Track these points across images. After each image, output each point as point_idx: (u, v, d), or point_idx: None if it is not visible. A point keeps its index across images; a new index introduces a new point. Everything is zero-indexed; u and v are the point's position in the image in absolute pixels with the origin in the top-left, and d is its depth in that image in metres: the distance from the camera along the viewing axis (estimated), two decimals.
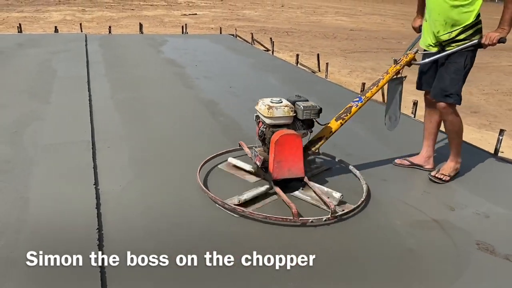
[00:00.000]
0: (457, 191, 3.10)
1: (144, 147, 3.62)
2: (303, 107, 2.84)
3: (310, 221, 2.52)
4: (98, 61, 6.72)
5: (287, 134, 2.76)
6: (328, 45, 11.60)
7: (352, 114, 2.99)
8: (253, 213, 2.56)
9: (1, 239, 2.28)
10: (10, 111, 4.26)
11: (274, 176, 2.80)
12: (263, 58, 7.95)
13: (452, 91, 2.96)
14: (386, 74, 3.08)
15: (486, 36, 2.81)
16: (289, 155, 2.77)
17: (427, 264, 2.30)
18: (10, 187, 2.83)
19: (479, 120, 5.66)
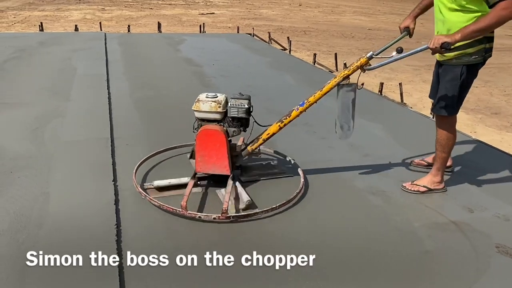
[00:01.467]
0: (477, 194, 3.06)
1: (162, 145, 3.65)
2: (230, 104, 2.85)
3: (198, 217, 2.54)
4: (117, 60, 6.80)
5: (210, 128, 2.78)
6: (345, 44, 11.53)
7: (292, 118, 2.89)
8: (151, 199, 2.68)
9: (23, 233, 2.34)
10: (32, 108, 4.35)
11: (197, 169, 2.82)
12: (280, 57, 7.94)
13: (447, 103, 2.83)
14: (334, 78, 2.87)
15: (432, 39, 2.57)
16: (213, 151, 2.78)
17: (445, 266, 2.28)
18: (32, 182, 2.89)
19: (500, 121, 5.56)
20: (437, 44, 2.52)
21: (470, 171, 3.38)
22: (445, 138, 2.95)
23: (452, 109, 2.87)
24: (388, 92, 6.20)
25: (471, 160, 3.61)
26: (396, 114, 4.79)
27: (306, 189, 2.96)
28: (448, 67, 2.83)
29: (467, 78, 2.81)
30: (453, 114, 2.91)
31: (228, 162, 2.80)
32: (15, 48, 7.22)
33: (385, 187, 3.07)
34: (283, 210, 2.71)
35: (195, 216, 2.54)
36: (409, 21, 3.05)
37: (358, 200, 2.91)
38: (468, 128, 5.09)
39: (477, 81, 7.91)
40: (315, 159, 3.45)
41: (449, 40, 2.50)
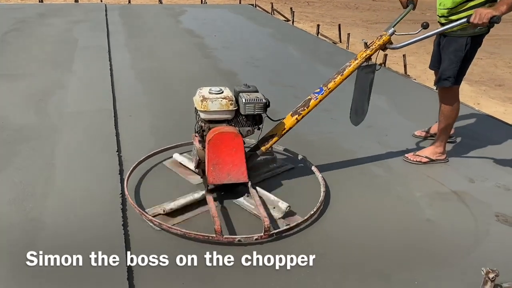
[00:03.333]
0: (478, 164, 3.08)
1: (165, 116, 3.67)
2: (245, 100, 2.39)
3: (237, 240, 2.12)
4: (118, 31, 6.74)
5: (224, 132, 2.33)
6: (349, 15, 11.38)
7: (311, 108, 2.55)
8: (171, 228, 2.17)
9: (30, 202, 2.37)
10: (35, 80, 4.34)
11: (210, 180, 2.36)
12: (283, 28, 7.85)
13: (449, 74, 2.82)
14: (354, 60, 2.56)
15: (476, 13, 2.44)
16: (228, 157, 2.35)
17: (445, 234, 2.32)
18: (38, 153, 2.92)
19: (504, 93, 5.54)
20: (485, 19, 2.41)
21: (472, 142, 3.39)
22: (449, 109, 2.95)
23: (456, 80, 2.86)
24: (392, 64, 6.16)
25: (474, 131, 3.62)
26: (400, 86, 4.77)
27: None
28: (453, 38, 2.80)
29: (471, 49, 2.79)
30: (456, 85, 2.90)
31: (246, 167, 2.39)
32: (15, 20, 7.15)
33: (387, 158, 3.10)
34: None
35: (233, 240, 2.12)
36: None
37: (361, 170, 2.93)
38: (472, 100, 5.07)
39: (482, 52, 7.89)
40: (317, 131, 3.45)
41: (497, 14, 2.41)
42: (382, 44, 2.54)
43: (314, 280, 1.94)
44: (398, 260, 2.10)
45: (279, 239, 2.18)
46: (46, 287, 1.84)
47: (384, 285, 1.95)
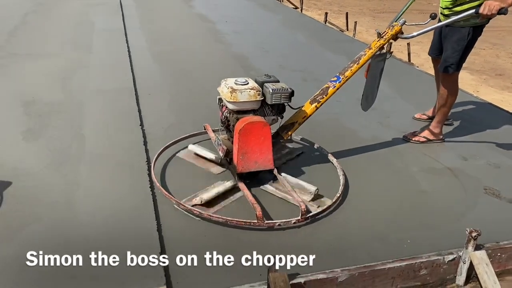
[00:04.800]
0: (472, 145, 3.32)
1: (181, 95, 3.93)
2: (272, 90, 2.47)
3: (278, 225, 2.23)
4: (132, 15, 6.97)
5: (253, 122, 2.40)
6: (357, 4, 11.51)
7: (329, 96, 2.66)
8: (212, 216, 2.24)
9: (66, 166, 2.66)
10: (57, 59, 4.61)
11: (239, 169, 2.45)
12: (292, 15, 8.05)
13: (452, 61, 3.04)
14: (368, 49, 2.70)
15: (485, 5, 2.63)
16: (256, 146, 2.43)
17: (437, 203, 2.58)
18: (68, 125, 3.20)
19: (503, 82, 5.74)
20: (494, 11, 2.59)
21: (468, 125, 3.64)
22: (448, 93, 3.18)
23: (457, 66, 3.09)
24: (397, 52, 6.36)
25: (470, 115, 3.86)
26: (403, 73, 4.99)
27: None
28: (456, 28, 3.01)
29: (473, 38, 3.02)
30: (457, 71, 3.14)
31: (272, 155, 2.50)
32: (34, 2, 7.39)
33: (388, 137, 3.34)
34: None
35: (273, 225, 2.23)
36: None
37: (362, 148, 3.18)
38: (472, 88, 5.29)
39: (485, 43, 8.06)
40: (324, 112, 3.67)
41: (505, 5, 2.60)
42: (394, 34, 2.71)
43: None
44: (395, 223, 2.37)
45: (312, 222, 2.32)
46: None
47: (382, 243, 2.21)
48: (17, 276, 1.85)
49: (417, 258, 2.10)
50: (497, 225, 2.39)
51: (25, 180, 2.49)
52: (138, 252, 1.97)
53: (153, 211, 2.29)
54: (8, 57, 4.60)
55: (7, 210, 2.24)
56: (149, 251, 1.98)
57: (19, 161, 2.68)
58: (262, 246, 2.09)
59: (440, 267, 2.14)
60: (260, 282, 1.89)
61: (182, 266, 1.94)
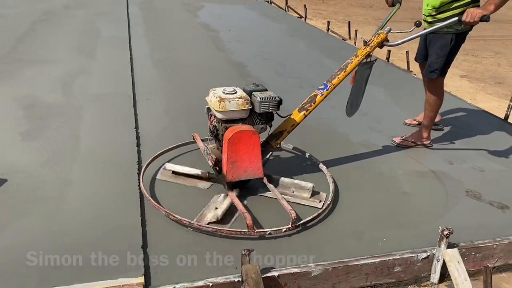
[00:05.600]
0: (459, 150, 3.38)
1: (179, 100, 4.04)
2: (260, 99, 2.48)
3: (268, 233, 2.23)
4: (138, 23, 7.15)
5: (242, 130, 2.40)
6: (362, 13, 11.60)
7: (317, 104, 2.67)
8: (203, 226, 2.25)
9: (61, 164, 2.77)
10: (61, 65, 4.76)
11: (228, 178, 2.45)
12: (296, 24, 8.16)
13: (436, 67, 3.12)
14: (355, 57, 2.71)
15: (467, 13, 2.68)
16: (245, 154, 2.44)
17: (417, 203, 2.64)
18: (65, 126, 3.32)
19: (502, 90, 5.76)
20: (476, 18, 2.65)
21: (458, 130, 3.70)
22: (434, 98, 3.25)
23: (441, 71, 3.16)
24: (396, 60, 6.42)
25: (461, 121, 3.91)
26: (399, 80, 5.05)
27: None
28: (439, 35, 3.10)
29: (456, 44, 3.10)
30: (442, 77, 3.20)
31: (261, 164, 2.51)
32: (42, 11, 7.61)
33: (376, 141, 3.42)
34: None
35: (264, 234, 2.23)
36: None
37: (351, 151, 3.25)
38: (469, 95, 5.33)
39: (487, 52, 8.10)
40: (316, 116, 3.76)
41: (487, 13, 2.66)
42: (380, 42, 2.74)
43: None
44: (373, 222, 2.43)
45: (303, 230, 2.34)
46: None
47: (357, 241, 2.27)
48: (3, 266, 1.95)
49: (391, 255, 2.17)
50: (474, 226, 2.44)
51: (20, 177, 2.61)
52: (121, 246, 2.08)
53: (139, 209, 2.38)
54: (13, 63, 4.77)
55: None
56: (131, 246, 2.08)
57: (15, 160, 2.81)
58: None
59: (414, 265, 2.20)
60: (235, 275, 1.97)
61: (161, 261, 2.04)
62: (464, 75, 6.29)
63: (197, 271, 1.99)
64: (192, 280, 1.93)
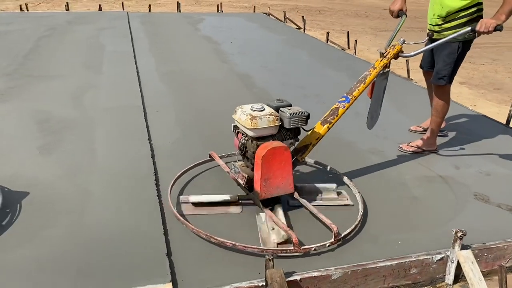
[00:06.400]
0: (465, 154, 3.47)
1: (188, 111, 4.12)
2: (290, 115, 2.50)
3: (313, 249, 2.24)
4: (141, 38, 7.26)
5: (275, 147, 2.39)
6: (359, 23, 11.77)
7: (340, 116, 2.71)
8: (247, 247, 2.21)
9: (80, 177, 2.84)
10: (70, 80, 4.85)
11: (262, 195, 2.43)
12: (295, 35, 8.30)
13: (444, 74, 3.22)
14: (373, 69, 2.81)
15: (481, 23, 2.81)
16: (278, 171, 2.43)
17: (427, 207, 2.72)
18: (80, 140, 3.39)
19: (501, 96, 5.88)
20: (491, 28, 2.78)
21: (462, 136, 3.79)
22: (441, 104, 3.35)
23: (449, 79, 3.27)
24: (397, 68, 6.54)
25: (465, 127, 4.01)
26: (401, 88, 5.16)
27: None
28: (446, 43, 3.19)
29: (462, 52, 3.22)
30: (449, 83, 3.31)
31: (292, 179, 2.51)
32: (46, 27, 7.72)
33: (384, 148, 3.51)
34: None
35: (309, 250, 2.23)
36: (401, 3, 3.15)
37: (360, 158, 3.33)
38: (469, 102, 5.43)
39: (484, 59, 8.24)
40: None
41: (500, 22, 2.78)
42: (395, 53, 2.82)
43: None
44: (387, 226, 2.51)
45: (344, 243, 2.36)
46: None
47: (373, 244, 2.35)
48: (36, 274, 2.02)
49: (407, 257, 2.24)
50: (485, 228, 2.52)
51: (41, 190, 2.68)
52: (146, 254, 2.15)
53: (160, 219, 2.45)
54: (22, 78, 4.85)
55: (25, 216, 2.42)
56: (156, 254, 2.15)
57: (35, 174, 2.87)
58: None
59: (430, 266, 2.27)
60: (259, 280, 2.04)
61: (186, 268, 2.11)
62: (464, 82, 6.41)
63: (220, 277, 2.05)
64: (217, 285, 2.00)
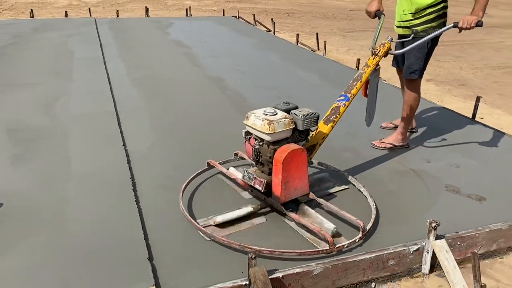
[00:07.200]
0: (435, 148, 3.59)
1: (162, 115, 4.11)
2: (303, 116, 2.55)
3: (346, 246, 2.29)
4: (110, 43, 7.17)
5: (294, 150, 2.41)
6: (327, 25, 11.94)
7: (341, 114, 2.80)
8: (284, 252, 2.21)
9: (56, 186, 2.80)
10: (40, 88, 4.75)
11: (282, 199, 2.45)
12: (265, 38, 8.37)
13: (416, 68, 3.34)
14: (366, 67, 2.91)
15: (463, 20, 2.91)
16: (296, 173, 2.46)
17: (403, 201, 2.80)
18: (53, 148, 3.34)
19: (466, 91, 6.09)
20: (473, 24, 2.88)
21: (431, 131, 3.92)
22: (412, 98, 3.45)
23: (421, 72, 3.38)
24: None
25: (434, 122, 4.15)
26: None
27: None
28: (416, 39, 3.29)
29: (432, 47, 3.35)
30: (420, 77, 3.42)
31: (308, 179, 2.56)
32: (11, 35, 7.53)
33: (357, 145, 3.59)
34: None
35: (341, 248, 2.27)
36: (377, 4, 3.29)
37: (334, 156, 3.39)
38: (437, 98, 5.60)
39: (448, 56, 8.47)
40: None
41: (480, 18, 2.89)
42: (386, 51, 2.96)
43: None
44: (364, 220, 2.55)
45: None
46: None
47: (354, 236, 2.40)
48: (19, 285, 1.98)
49: (385, 249, 2.31)
50: (457, 218, 2.62)
51: (16, 200, 2.62)
52: (128, 259, 2.14)
53: (140, 223, 2.44)
54: None
55: (2, 228, 2.37)
56: (139, 258, 2.15)
57: (8, 184, 2.81)
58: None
59: (406, 257, 2.34)
60: (242, 278, 2.06)
61: (169, 271, 2.11)
62: (430, 78, 6.60)
63: (204, 278, 2.06)
64: (201, 286, 2.01)
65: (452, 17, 3.28)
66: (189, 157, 3.29)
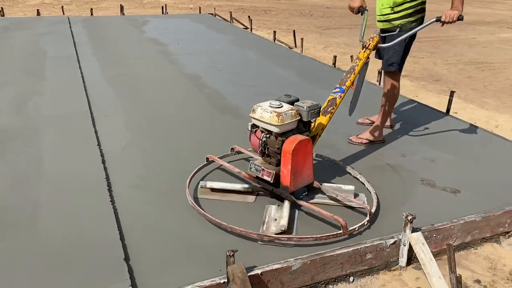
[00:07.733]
0: (411, 143, 3.63)
1: (137, 114, 4.05)
2: (307, 108, 2.62)
3: (357, 230, 2.40)
4: (84, 42, 7.03)
5: (301, 140, 2.49)
6: (304, 22, 11.99)
7: (338, 105, 2.91)
8: (303, 237, 2.30)
9: (28, 188, 2.72)
10: (11, 88, 4.63)
11: (291, 188, 2.53)
12: (242, 35, 8.34)
13: (394, 61, 3.40)
14: (358, 60, 3.04)
15: (446, 14, 3.01)
16: (303, 163, 2.55)
17: (380, 195, 2.81)
18: (25, 149, 3.25)
19: (440, 87, 6.20)
20: (455, 18, 2.99)
21: (407, 125, 3.97)
22: (391, 91, 3.50)
23: (398, 65, 3.44)
24: (342, 65, 6.72)
25: (409, 117, 4.20)
26: None
27: None
28: (396, 34, 3.34)
29: (409, 41, 3.41)
30: (399, 71, 3.47)
31: (312, 168, 2.67)
32: None
33: (334, 141, 3.60)
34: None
35: (353, 231, 2.39)
36: (360, 0, 3.32)
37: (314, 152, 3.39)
38: (412, 93, 5.68)
39: (423, 52, 8.59)
40: None
41: (461, 12, 3.00)
42: (375, 44, 3.10)
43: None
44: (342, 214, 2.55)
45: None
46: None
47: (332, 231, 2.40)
48: None
49: (362, 243, 2.32)
50: (433, 210, 2.66)
51: None
52: (104, 260, 2.10)
53: (115, 224, 2.39)
54: None
55: None
56: (114, 259, 2.10)
57: None
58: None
59: (384, 251, 2.36)
60: (220, 277, 2.04)
61: (146, 271, 2.08)
62: (405, 74, 6.69)
63: (182, 278, 2.04)
64: (179, 286, 1.98)
65: (428, 14, 3.33)
66: (165, 156, 3.25)
